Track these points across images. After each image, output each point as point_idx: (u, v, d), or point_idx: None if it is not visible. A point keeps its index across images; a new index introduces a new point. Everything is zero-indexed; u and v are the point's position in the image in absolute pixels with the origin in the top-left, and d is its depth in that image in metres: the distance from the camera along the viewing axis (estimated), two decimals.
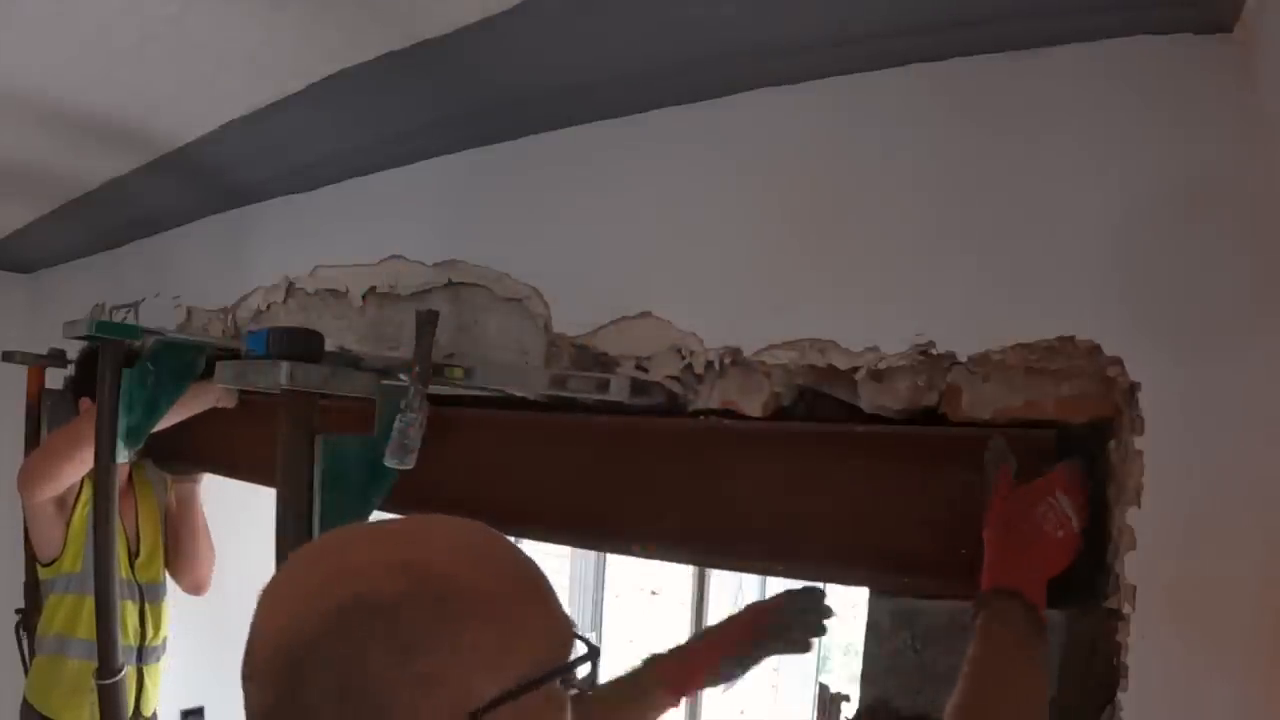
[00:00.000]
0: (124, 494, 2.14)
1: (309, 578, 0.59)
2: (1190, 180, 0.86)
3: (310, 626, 0.54)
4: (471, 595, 0.57)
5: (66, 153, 1.85)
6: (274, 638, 0.56)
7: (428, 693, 0.53)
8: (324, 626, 0.54)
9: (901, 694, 0.98)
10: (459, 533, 0.62)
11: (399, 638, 0.54)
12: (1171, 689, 0.83)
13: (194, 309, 2.22)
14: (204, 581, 2.33)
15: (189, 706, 2.52)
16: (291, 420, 1.27)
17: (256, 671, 0.56)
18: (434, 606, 0.55)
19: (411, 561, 0.57)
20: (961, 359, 0.99)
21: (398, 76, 1.31)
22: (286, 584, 0.60)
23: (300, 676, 0.54)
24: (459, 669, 0.54)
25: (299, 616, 0.55)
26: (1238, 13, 0.82)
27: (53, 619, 2.13)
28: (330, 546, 0.63)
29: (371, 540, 0.62)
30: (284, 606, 0.57)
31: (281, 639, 0.55)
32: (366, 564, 0.58)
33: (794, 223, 1.13)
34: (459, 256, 1.51)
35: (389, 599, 0.55)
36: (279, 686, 0.55)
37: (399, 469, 1.32)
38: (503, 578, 0.60)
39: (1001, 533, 0.86)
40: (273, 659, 0.55)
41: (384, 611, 0.54)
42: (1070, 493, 0.87)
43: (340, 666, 0.53)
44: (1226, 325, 0.83)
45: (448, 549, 0.60)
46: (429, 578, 0.57)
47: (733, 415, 1.19)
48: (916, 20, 0.98)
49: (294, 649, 0.54)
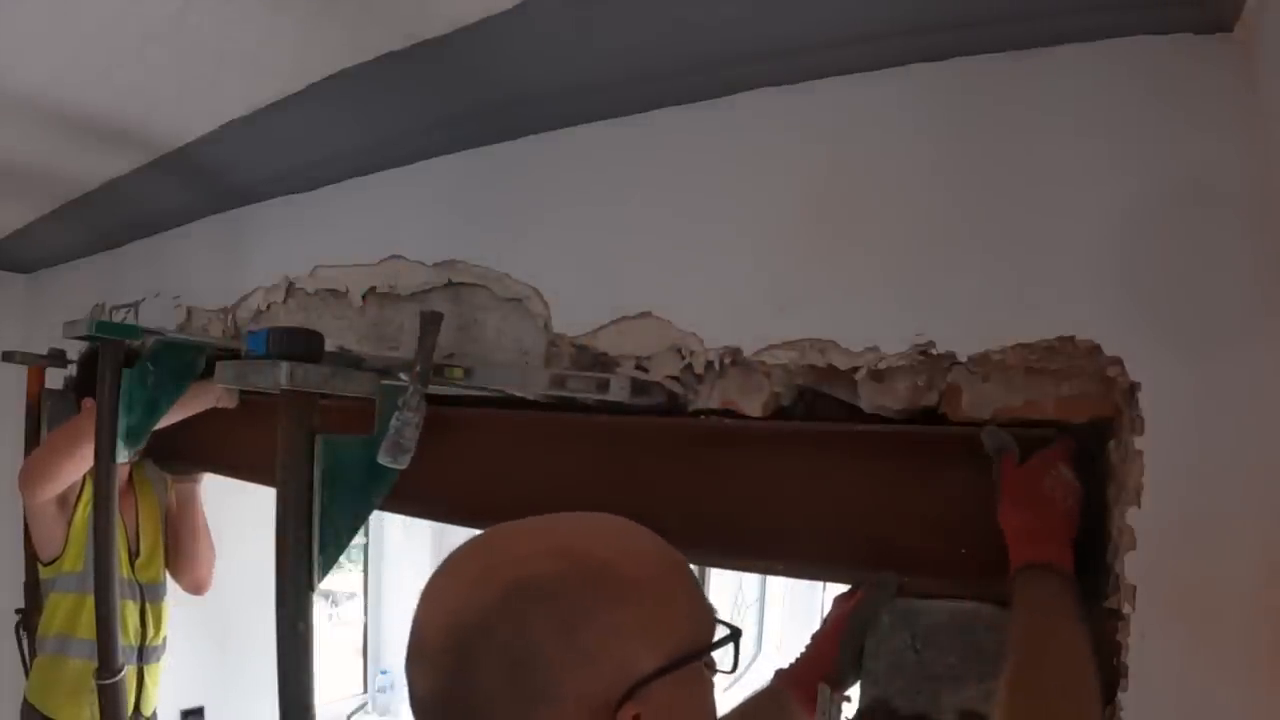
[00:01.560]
0: (124, 494, 2.14)
1: (471, 568, 0.63)
2: (1190, 180, 0.86)
3: (477, 610, 0.59)
4: (625, 577, 0.61)
5: (66, 153, 1.85)
6: (443, 623, 0.61)
7: (592, 666, 0.58)
8: (490, 609, 0.59)
9: (901, 694, 0.98)
10: (610, 523, 0.67)
11: (560, 617, 0.58)
12: (1171, 689, 0.83)
13: (194, 309, 2.22)
14: (204, 581, 2.34)
15: (189, 706, 2.52)
16: (291, 420, 1.27)
17: (426, 657, 0.61)
18: (591, 588, 0.60)
19: (568, 548, 0.62)
20: (961, 359, 0.99)
21: (398, 76, 1.31)
22: (451, 576, 0.64)
23: (471, 657, 0.58)
24: (618, 644, 0.59)
25: (466, 603, 0.60)
26: (1238, 13, 0.82)
27: (53, 618, 2.13)
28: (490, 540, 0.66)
29: (529, 532, 0.66)
30: (450, 595, 0.62)
31: (451, 624, 0.60)
32: (526, 552, 0.62)
33: (794, 223, 1.13)
34: (459, 256, 1.51)
35: (549, 582, 0.60)
36: (450, 668, 0.59)
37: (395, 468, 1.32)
38: (652, 563, 0.64)
39: (1018, 511, 0.90)
40: (443, 643, 0.60)
41: (545, 593, 0.59)
42: (1068, 462, 0.92)
43: (508, 645, 0.58)
44: (1226, 325, 0.83)
45: (600, 537, 0.65)
46: (585, 561, 0.61)
47: (733, 415, 1.19)
48: (916, 20, 0.98)
49: (463, 632, 0.59)
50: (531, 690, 0.57)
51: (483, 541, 0.66)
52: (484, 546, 0.66)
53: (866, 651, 1.00)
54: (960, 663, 0.95)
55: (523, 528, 0.66)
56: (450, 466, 1.43)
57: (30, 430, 2.57)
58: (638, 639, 0.59)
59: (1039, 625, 0.82)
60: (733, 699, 1.06)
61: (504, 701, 0.57)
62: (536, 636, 0.58)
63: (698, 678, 0.63)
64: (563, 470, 1.38)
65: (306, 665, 1.25)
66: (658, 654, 0.59)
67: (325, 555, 1.28)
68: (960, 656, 0.95)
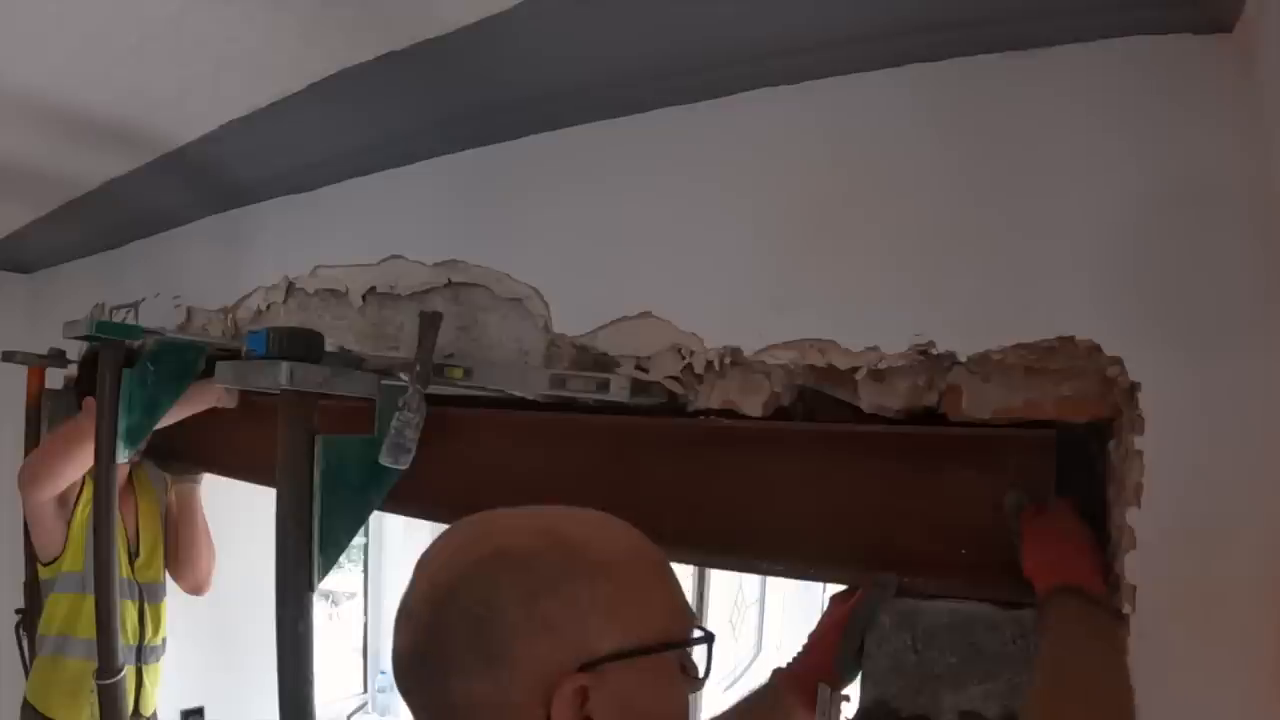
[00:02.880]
0: (124, 494, 2.14)
1: (458, 538, 0.67)
2: (1190, 180, 0.86)
3: (455, 572, 0.63)
4: (597, 558, 0.63)
5: (67, 153, 1.85)
6: (426, 585, 0.64)
7: (547, 636, 0.60)
8: (466, 572, 0.62)
9: (901, 694, 0.98)
10: (598, 515, 0.69)
11: (527, 585, 0.61)
12: (1172, 689, 0.83)
13: (194, 309, 2.22)
14: (205, 581, 2.33)
15: (189, 706, 2.52)
16: (291, 420, 1.27)
17: (406, 613, 0.64)
18: (562, 562, 0.62)
19: (550, 527, 0.65)
20: (961, 359, 0.99)
21: (398, 76, 1.31)
22: (441, 545, 0.68)
23: (442, 614, 0.62)
24: (576, 620, 0.60)
25: (447, 565, 0.64)
26: (1238, 13, 0.82)
27: (53, 618, 2.13)
28: (483, 516, 0.69)
29: (520, 513, 0.69)
30: (435, 561, 0.66)
31: (432, 584, 0.64)
32: (511, 527, 0.66)
33: (794, 223, 1.13)
34: (459, 256, 1.51)
35: (524, 553, 0.62)
36: (424, 622, 0.63)
37: (396, 469, 1.32)
38: (626, 550, 0.66)
39: (1044, 549, 0.90)
40: (422, 602, 0.63)
41: (518, 561, 0.62)
42: (1077, 514, 0.93)
43: (475, 604, 0.61)
44: (1226, 325, 0.83)
45: (584, 523, 0.67)
46: (562, 539, 0.64)
47: (733, 415, 1.19)
48: (916, 20, 0.98)
49: (439, 591, 0.63)
50: (489, 650, 0.59)
51: (476, 517, 0.69)
52: (476, 521, 0.69)
53: (866, 651, 1.00)
54: (960, 663, 0.95)
55: (516, 510, 0.69)
56: (450, 466, 1.43)
57: (30, 430, 2.57)
58: (598, 617, 0.61)
59: (1067, 654, 0.79)
60: (730, 698, 1.06)
61: (465, 658, 0.60)
62: (501, 600, 0.60)
63: (666, 674, 0.63)
64: (563, 470, 1.38)
65: (306, 665, 1.25)
66: (617, 637, 0.60)
67: (325, 555, 1.28)
68: (960, 656, 0.95)
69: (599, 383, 1.19)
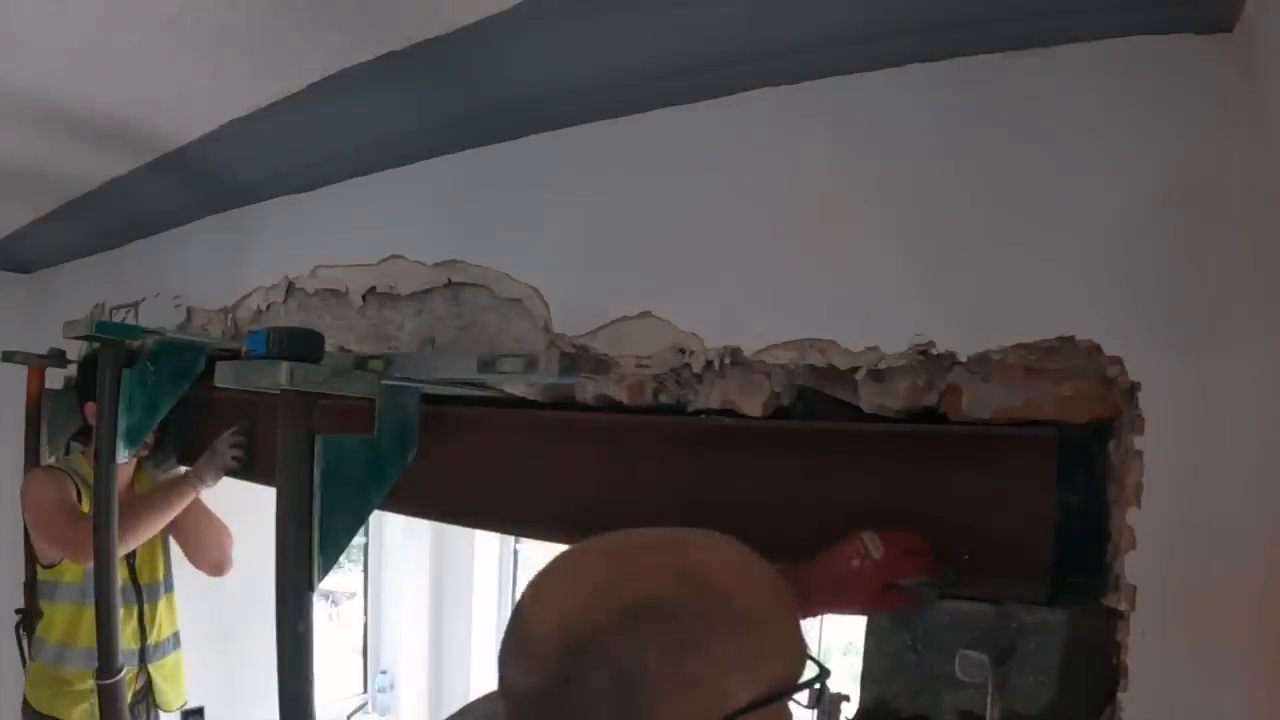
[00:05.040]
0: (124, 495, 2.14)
1: (596, 575, 0.63)
2: (1190, 180, 0.86)
3: (596, 621, 0.59)
4: (741, 608, 0.62)
5: (67, 153, 1.85)
6: (557, 624, 0.60)
7: (692, 694, 0.58)
8: (610, 622, 0.59)
9: (901, 694, 0.98)
10: (728, 547, 0.67)
11: (674, 643, 0.59)
12: (1171, 688, 0.83)
13: (194, 309, 2.22)
14: (223, 562, 2.29)
15: (189, 707, 2.52)
16: (291, 420, 1.27)
17: (532, 655, 0.61)
18: (708, 615, 0.60)
19: (693, 573, 0.62)
20: (961, 359, 0.99)
21: (398, 76, 1.31)
22: (570, 577, 0.64)
23: (579, 664, 0.59)
24: (720, 674, 0.59)
25: (586, 608, 0.60)
26: (1238, 13, 0.82)
27: (52, 626, 2.13)
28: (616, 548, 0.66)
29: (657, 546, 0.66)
30: (570, 598, 0.62)
31: (566, 627, 0.60)
32: (653, 570, 0.62)
33: (794, 222, 1.13)
34: (459, 256, 1.51)
35: (670, 604, 0.60)
36: (556, 672, 0.59)
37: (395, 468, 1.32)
38: (765, 595, 0.65)
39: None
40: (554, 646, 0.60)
41: (664, 615, 0.60)
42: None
43: (618, 661, 0.58)
44: (1226, 325, 0.83)
45: (720, 563, 0.65)
46: (706, 587, 0.62)
47: (733, 415, 1.19)
48: (916, 20, 0.98)
49: (577, 639, 0.59)
50: (630, 708, 0.58)
51: (609, 549, 0.66)
52: (610, 554, 0.66)
53: (866, 651, 1.00)
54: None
55: (650, 541, 0.67)
56: (450, 466, 1.43)
57: (30, 430, 2.57)
58: (740, 672, 0.60)
59: None
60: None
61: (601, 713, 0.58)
62: (648, 659, 0.58)
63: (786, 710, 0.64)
64: (563, 470, 1.38)
65: (306, 665, 1.25)
66: (753, 688, 0.60)
67: (325, 555, 1.28)
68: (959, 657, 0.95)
69: (527, 361, 1.17)
